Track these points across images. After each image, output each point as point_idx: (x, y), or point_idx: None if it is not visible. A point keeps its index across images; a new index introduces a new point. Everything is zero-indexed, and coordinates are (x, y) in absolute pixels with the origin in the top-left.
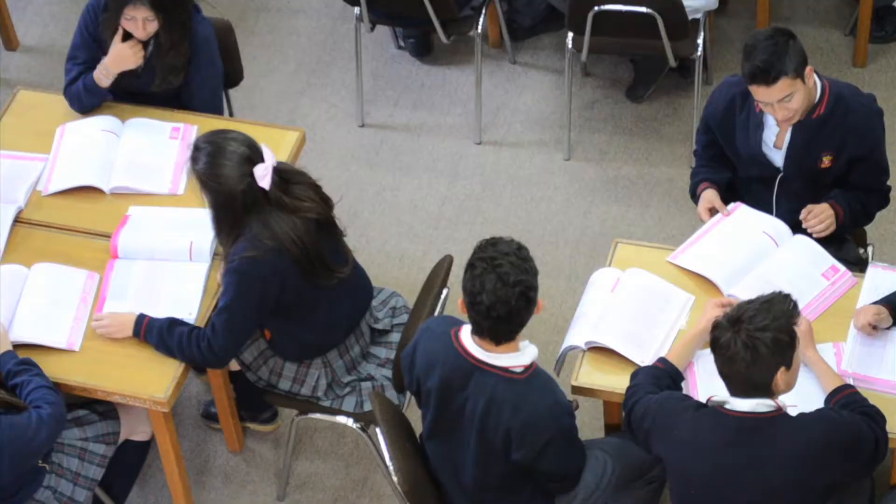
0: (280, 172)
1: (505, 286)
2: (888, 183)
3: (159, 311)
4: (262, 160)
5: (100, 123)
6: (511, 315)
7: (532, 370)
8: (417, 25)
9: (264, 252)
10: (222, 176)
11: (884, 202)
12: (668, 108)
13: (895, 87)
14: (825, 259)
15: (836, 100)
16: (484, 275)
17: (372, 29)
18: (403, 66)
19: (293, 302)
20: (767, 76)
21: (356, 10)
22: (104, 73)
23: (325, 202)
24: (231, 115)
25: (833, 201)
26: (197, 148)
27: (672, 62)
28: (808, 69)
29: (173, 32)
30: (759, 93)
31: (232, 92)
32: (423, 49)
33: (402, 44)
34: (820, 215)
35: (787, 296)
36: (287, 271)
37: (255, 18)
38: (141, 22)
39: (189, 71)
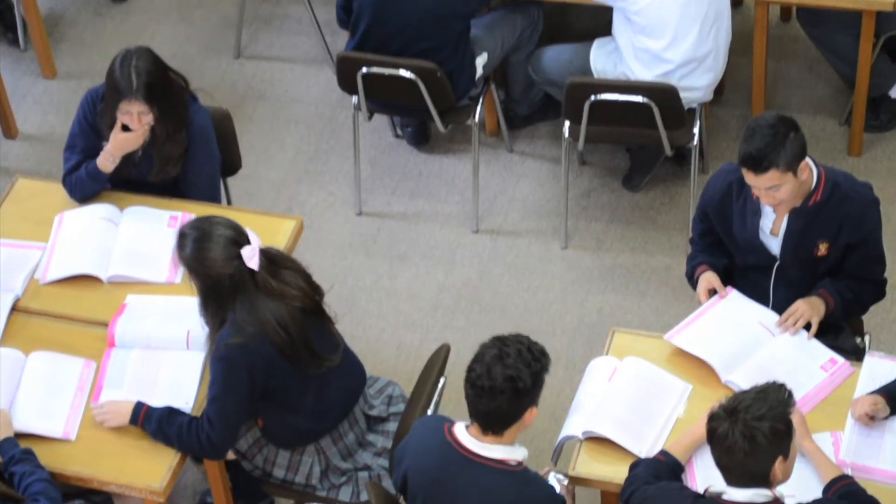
0: (268, 256)
1: (498, 364)
2: (885, 275)
3: (156, 400)
4: (248, 243)
5: (98, 212)
6: (493, 394)
7: (524, 467)
8: (415, 115)
9: (249, 338)
10: (209, 260)
11: (879, 293)
12: (665, 196)
13: (891, 175)
14: (823, 352)
15: (832, 187)
16: (488, 349)
17: (370, 118)
18: (401, 154)
19: (281, 387)
20: (758, 165)
21: (354, 98)
22: (108, 159)
23: (314, 290)
24: (229, 203)
25: (823, 290)
26: (182, 235)
27: (668, 151)
28: (803, 163)
29: (168, 124)
30: (748, 177)
31: (230, 180)
32: (421, 138)
33: (399, 132)
34: (799, 319)
35: (782, 385)
36: (273, 357)
37: (254, 107)
38: (136, 115)
39: (186, 160)
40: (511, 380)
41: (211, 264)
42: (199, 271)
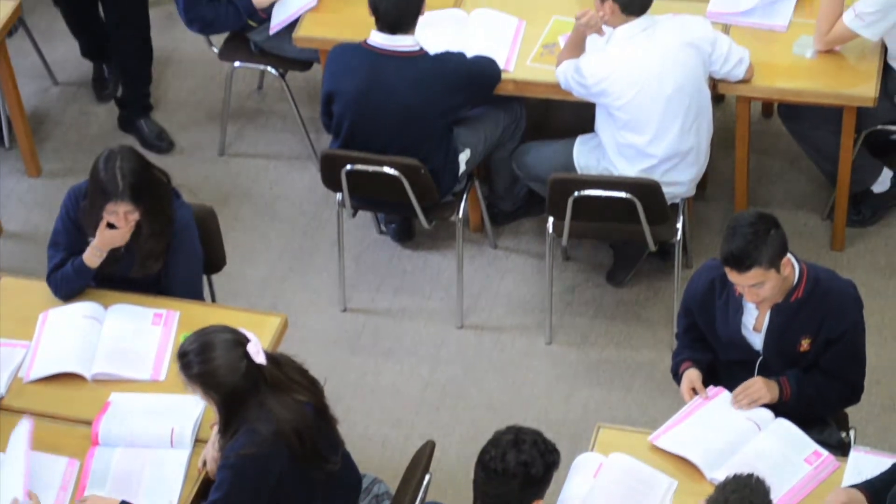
0: (270, 356)
1: (513, 449)
2: (860, 379)
3: (139, 500)
4: (248, 341)
5: (82, 310)
6: (506, 478)
7: None
8: (399, 211)
9: (262, 448)
10: (219, 369)
11: (849, 396)
12: (649, 291)
13: (874, 270)
14: (807, 444)
15: (813, 283)
16: (504, 434)
17: (354, 215)
18: (385, 251)
19: (287, 497)
20: (741, 264)
21: (338, 195)
22: (94, 254)
23: (314, 385)
24: (213, 300)
25: (785, 378)
26: (184, 354)
27: (652, 246)
28: (784, 259)
29: (154, 222)
30: (731, 275)
31: (214, 277)
32: (405, 234)
33: (383, 229)
34: (752, 395)
35: (759, 478)
36: (284, 467)
37: (239, 204)
38: (123, 215)
39: (168, 257)
40: (525, 465)
41: (223, 373)
42: (211, 384)
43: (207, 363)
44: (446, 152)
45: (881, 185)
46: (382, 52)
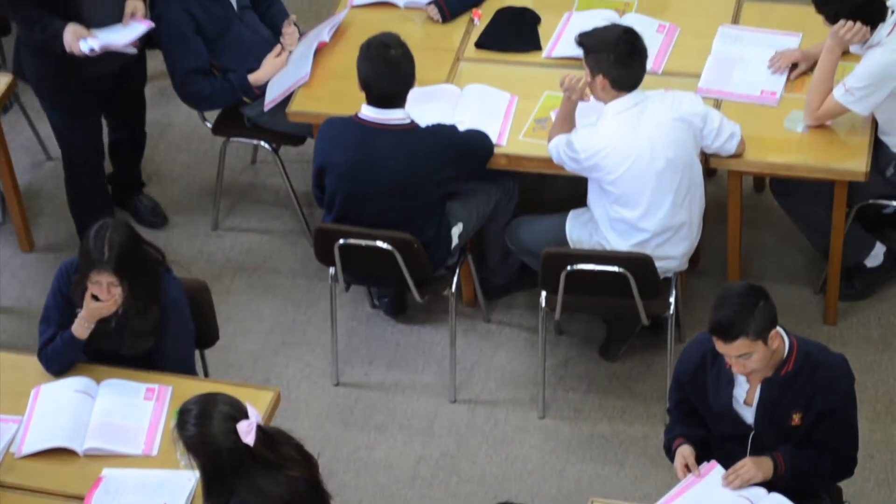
0: (265, 431)
1: None
2: (853, 452)
3: None
4: (246, 417)
5: (74, 385)
6: None
7: None
8: (392, 285)
9: None
10: (209, 436)
11: (843, 470)
12: (642, 365)
13: (866, 344)
14: None
15: (804, 357)
16: None
17: (347, 289)
18: (378, 324)
19: None
20: (727, 334)
21: (331, 270)
22: (82, 325)
23: (309, 461)
24: (206, 375)
25: (778, 454)
26: (184, 412)
27: (645, 320)
28: (773, 332)
29: (138, 298)
30: (719, 345)
31: (207, 351)
32: (398, 308)
33: (376, 303)
34: (742, 476)
35: None
36: None
37: (232, 279)
38: (105, 286)
39: (159, 333)
40: None
41: (210, 442)
42: (198, 450)
43: (200, 429)
44: (439, 225)
45: (874, 259)
46: (373, 126)
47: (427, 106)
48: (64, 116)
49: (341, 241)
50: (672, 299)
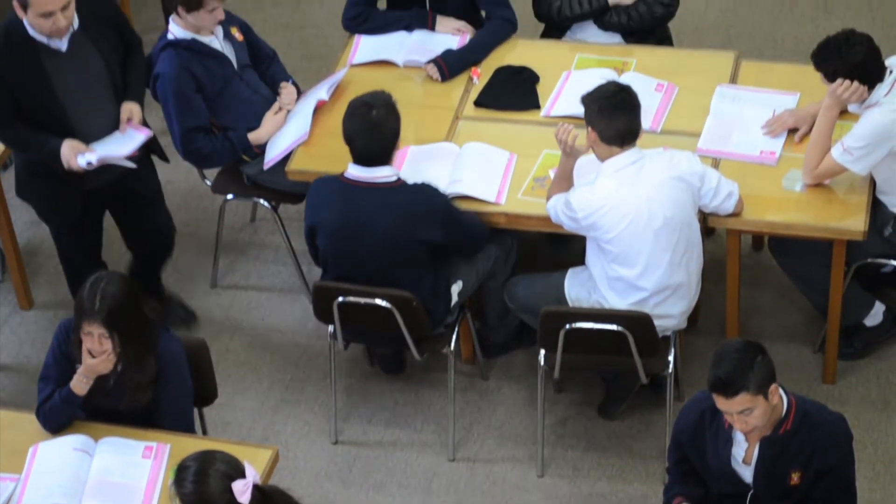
0: (262, 490)
1: None
2: None
3: None
4: (243, 477)
5: (72, 443)
6: None
7: None
8: (391, 343)
9: None
10: (205, 494)
11: None
12: (641, 424)
13: (865, 403)
14: None
15: (802, 416)
16: None
17: (346, 347)
18: (377, 382)
19: None
20: (728, 389)
21: (330, 328)
22: (80, 381)
23: None
24: (204, 432)
25: None
26: (183, 468)
27: (644, 379)
28: (773, 387)
29: (129, 350)
30: (720, 402)
31: (206, 409)
32: (397, 366)
33: (375, 361)
34: None
35: None
36: None
37: (231, 336)
38: (97, 337)
39: (157, 390)
40: None
41: (206, 499)
42: None
43: (197, 486)
44: (435, 284)
45: (873, 318)
46: (359, 184)
47: (426, 164)
48: (63, 232)
49: (340, 298)
50: (671, 358)
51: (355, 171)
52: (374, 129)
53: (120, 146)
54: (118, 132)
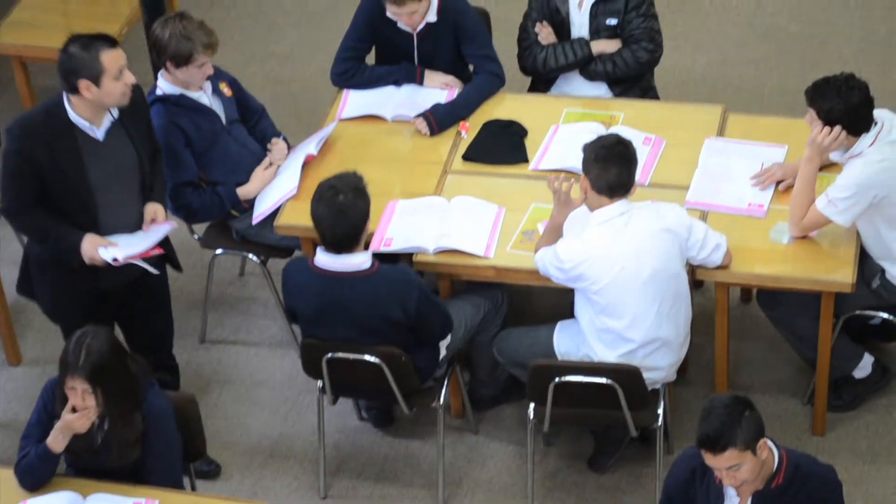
0: None
1: None
2: None
3: None
4: None
5: (60, 499)
6: None
7: None
8: (380, 398)
9: None
10: None
11: None
12: (631, 477)
13: (855, 455)
14: None
15: (794, 469)
16: None
17: (334, 402)
18: (366, 437)
19: None
20: (716, 445)
21: (319, 382)
22: (57, 437)
23: None
24: (193, 488)
25: None
26: None
27: (633, 432)
28: (761, 442)
29: (112, 406)
30: (708, 458)
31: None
32: (386, 420)
33: (364, 415)
34: None
35: None
36: None
37: (219, 391)
38: (80, 392)
39: (145, 446)
40: None
41: None
42: None
43: None
44: (422, 340)
45: (862, 370)
46: (331, 275)
47: (415, 219)
48: (73, 332)
49: (329, 354)
50: (660, 410)
51: (326, 260)
52: (341, 213)
53: (144, 240)
54: (141, 231)
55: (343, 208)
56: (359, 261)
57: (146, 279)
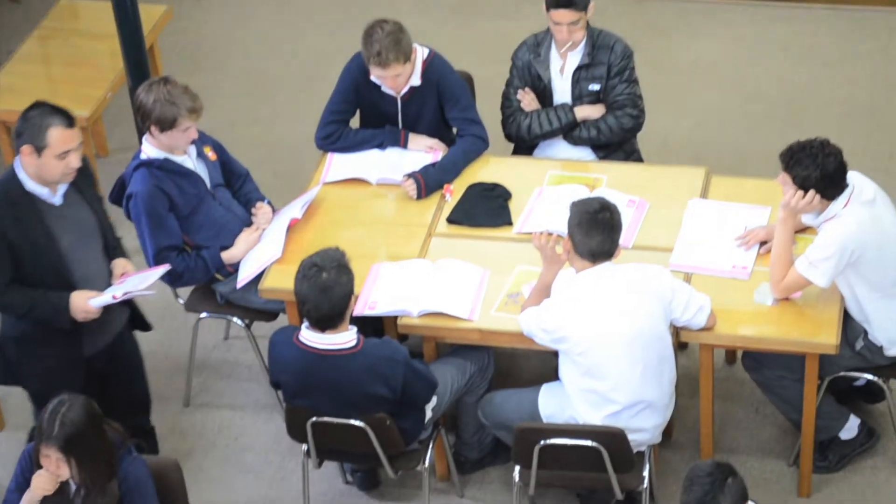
0: None
1: None
2: None
3: None
4: None
5: None
6: None
7: None
8: (365, 461)
9: None
10: None
11: None
12: None
13: None
14: None
15: None
16: None
17: (319, 465)
18: (352, 500)
19: None
20: None
21: (304, 446)
22: (26, 501)
23: None
24: None
25: None
26: None
27: (619, 494)
28: None
29: (86, 475)
30: None
31: None
32: (371, 483)
33: (349, 478)
34: None
35: None
36: None
37: (204, 456)
38: (54, 461)
39: None
40: None
41: None
42: None
43: None
44: (407, 405)
45: (848, 431)
46: (316, 352)
47: (399, 282)
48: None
49: (314, 418)
50: (646, 473)
51: (311, 337)
52: (325, 291)
53: (138, 283)
54: (133, 276)
55: (327, 286)
56: (344, 339)
57: (122, 343)
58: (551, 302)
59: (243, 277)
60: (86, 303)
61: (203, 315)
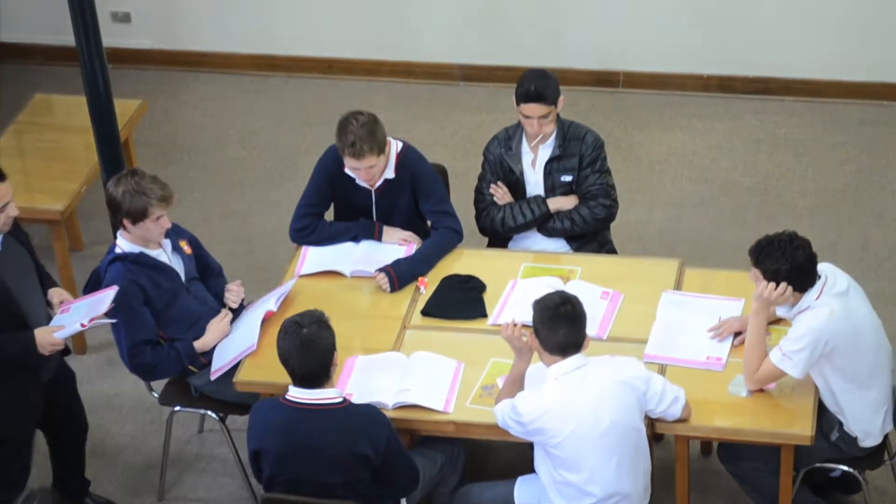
0: None
1: None
2: None
3: None
4: None
5: None
6: None
7: None
8: None
9: None
10: None
11: None
12: None
13: None
14: None
15: None
16: None
17: None
18: None
19: None
20: None
21: None
22: None
23: None
24: None
25: None
26: None
27: None
28: None
29: None
30: None
31: None
32: None
33: None
34: None
35: None
36: None
37: None
38: None
39: None
40: None
41: None
42: None
43: None
44: (384, 493)
45: None
46: (302, 407)
47: (374, 374)
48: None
49: None
50: None
51: (298, 394)
52: (306, 346)
53: (92, 308)
54: (77, 303)
55: (308, 340)
56: (330, 395)
57: (62, 368)
58: (525, 395)
59: (217, 369)
60: (52, 336)
61: (177, 408)
